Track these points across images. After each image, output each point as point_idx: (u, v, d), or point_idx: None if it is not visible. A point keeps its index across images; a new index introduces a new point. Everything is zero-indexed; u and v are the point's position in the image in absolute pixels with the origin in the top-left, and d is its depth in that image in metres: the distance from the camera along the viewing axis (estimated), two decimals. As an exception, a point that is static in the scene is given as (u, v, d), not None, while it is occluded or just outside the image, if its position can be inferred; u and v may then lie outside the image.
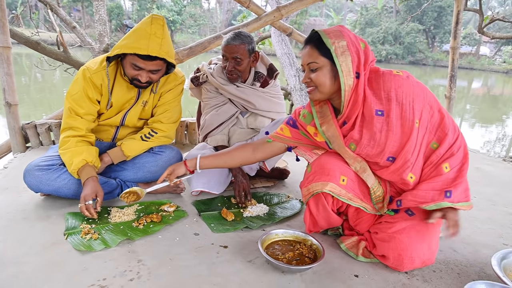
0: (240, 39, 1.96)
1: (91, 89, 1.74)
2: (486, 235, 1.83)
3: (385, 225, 1.46)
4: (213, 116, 2.14)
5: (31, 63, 14.20)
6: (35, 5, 19.21)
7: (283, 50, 5.72)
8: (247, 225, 1.74)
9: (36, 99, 8.71)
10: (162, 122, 1.96)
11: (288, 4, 2.99)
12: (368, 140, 1.38)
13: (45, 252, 1.44)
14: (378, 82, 1.35)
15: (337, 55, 1.30)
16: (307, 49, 1.37)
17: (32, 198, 1.88)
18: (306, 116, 1.56)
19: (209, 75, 2.11)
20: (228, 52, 1.98)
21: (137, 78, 1.68)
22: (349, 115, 1.39)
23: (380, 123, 1.34)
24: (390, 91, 1.32)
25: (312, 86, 1.39)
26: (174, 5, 27.70)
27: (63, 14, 4.55)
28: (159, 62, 1.66)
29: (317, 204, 1.56)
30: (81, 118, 1.76)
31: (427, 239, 1.42)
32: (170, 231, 1.66)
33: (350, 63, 1.31)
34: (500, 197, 2.35)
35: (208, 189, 1.98)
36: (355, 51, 1.32)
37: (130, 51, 1.59)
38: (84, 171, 1.71)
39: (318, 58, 1.33)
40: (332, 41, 1.30)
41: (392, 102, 1.32)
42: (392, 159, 1.39)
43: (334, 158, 1.49)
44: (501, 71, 25.58)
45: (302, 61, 1.39)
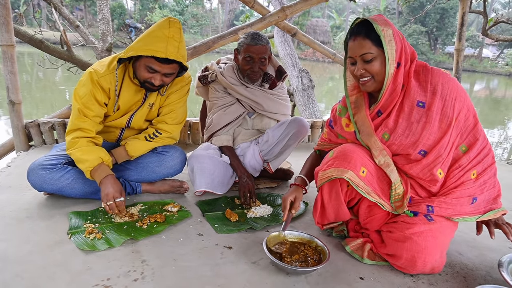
0: (264, 40, 1.98)
1: (99, 92, 1.72)
2: (491, 239, 1.81)
3: (402, 225, 1.45)
4: (221, 116, 2.12)
5: (33, 61, 14.22)
6: (38, 4, 19.24)
7: (285, 51, 5.71)
8: (251, 226, 1.73)
9: (38, 98, 8.71)
10: (167, 122, 1.94)
11: (293, 4, 2.98)
12: (403, 130, 1.40)
13: (48, 251, 1.43)
14: (426, 75, 1.38)
15: (386, 42, 1.32)
16: (359, 40, 1.35)
17: (35, 197, 1.87)
18: (341, 111, 1.60)
19: (218, 74, 2.09)
20: (255, 53, 1.96)
21: (150, 81, 1.66)
22: (385, 104, 1.42)
23: (419, 114, 1.37)
24: (437, 85, 1.36)
25: (368, 76, 1.39)
26: (176, 5, 27.70)
27: (66, 12, 4.55)
28: (175, 66, 1.66)
29: (330, 191, 1.53)
30: (90, 120, 1.73)
31: (441, 247, 1.42)
32: (174, 232, 1.65)
33: (394, 52, 1.33)
34: (505, 200, 2.31)
35: (212, 189, 1.97)
36: (399, 40, 1.35)
37: (147, 54, 1.56)
38: (100, 170, 1.69)
39: (371, 48, 1.34)
40: (381, 28, 1.32)
41: (436, 95, 1.35)
42: (423, 152, 1.40)
43: (358, 148, 1.48)
44: (504, 74, 25.50)
45: (353, 52, 1.38)
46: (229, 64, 2.13)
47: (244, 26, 3.00)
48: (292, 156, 2.40)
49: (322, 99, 11.62)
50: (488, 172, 1.44)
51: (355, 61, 1.40)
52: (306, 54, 26.39)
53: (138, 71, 1.67)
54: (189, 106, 2.02)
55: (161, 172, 1.95)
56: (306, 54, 26.36)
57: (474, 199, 1.42)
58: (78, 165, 1.72)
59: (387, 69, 1.34)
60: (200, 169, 1.95)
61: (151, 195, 2.00)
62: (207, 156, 1.98)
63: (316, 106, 5.21)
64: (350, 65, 1.43)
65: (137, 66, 1.67)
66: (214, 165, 1.97)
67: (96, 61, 1.94)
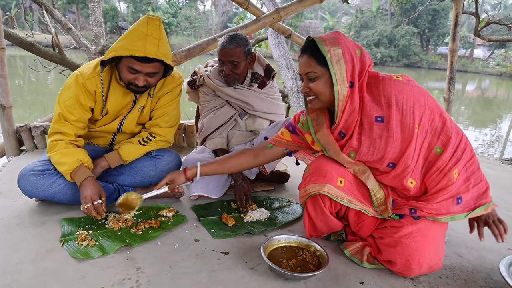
0: (235, 42, 1.93)
1: (84, 96, 1.68)
2: (490, 240, 1.79)
3: (391, 230, 1.44)
4: (211, 119, 2.11)
5: (25, 65, 14.07)
6: (30, 7, 19.06)
7: (280, 53, 5.70)
8: (248, 231, 1.70)
9: (30, 102, 8.61)
10: (160, 126, 1.90)
11: (287, 5, 2.97)
12: (368, 148, 1.36)
13: (40, 259, 1.39)
14: (378, 88, 1.32)
15: (332, 63, 1.27)
16: (304, 58, 1.34)
17: (26, 203, 1.83)
18: (304, 124, 1.56)
19: (205, 78, 2.08)
20: (224, 56, 1.95)
21: (134, 82, 1.62)
22: (345, 125, 1.37)
23: (380, 129, 1.32)
24: (391, 96, 1.30)
25: (313, 95, 1.37)
26: (170, 7, 27.63)
27: (58, 15, 4.49)
28: (157, 64, 1.61)
29: (314, 206, 1.54)
30: (70, 124, 1.69)
31: (434, 244, 1.41)
32: (170, 237, 1.62)
33: (344, 72, 1.28)
34: (502, 201, 2.34)
35: (207, 193, 1.94)
36: (349, 59, 1.29)
37: (126, 53, 1.52)
38: (79, 172, 1.65)
39: (315, 67, 1.31)
40: (327, 48, 1.28)
41: (392, 108, 1.29)
42: (392, 165, 1.37)
43: (328, 160, 1.48)
44: (495, 74, 25.81)
45: (300, 70, 1.37)
46: (215, 67, 2.12)
47: (238, 28, 2.97)
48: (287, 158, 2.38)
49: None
50: (469, 168, 1.37)
51: (302, 79, 1.39)
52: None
53: (122, 72, 1.64)
54: (183, 108, 2.00)
55: (156, 176, 1.92)
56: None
57: (459, 199, 1.36)
58: (58, 168, 1.69)
59: (335, 90, 1.30)
60: None
61: (145, 200, 1.95)
62: (201, 160, 1.95)
63: (311, 108, 5.20)
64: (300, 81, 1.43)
65: (120, 67, 1.64)
66: None
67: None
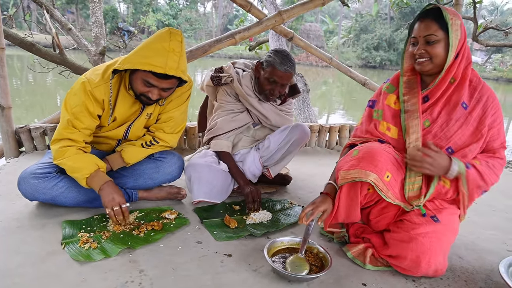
0: (294, 67, 1.93)
1: (92, 104, 1.62)
2: (489, 242, 1.83)
3: (407, 225, 1.44)
4: (227, 121, 2.06)
5: (23, 65, 14.04)
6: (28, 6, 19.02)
7: (280, 55, 5.71)
8: (250, 233, 1.69)
9: (28, 102, 8.57)
10: (165, 131, 1.86)
11: (290, 8, 2.97)
12: (442, 122, 1.46)
13: (41, 262, 1.37)
14: (477, 85, 1.47)
15: (452, 30, 1.37)
16: (426, 22, 1.40)
17: (26, 205, 1.81)
18: (389, 87, 1.62)
19: (235, 81, 2.01)
20: (281, 79, 1.91)
21: (147, 95, 1.57)
22: (433, 90, 1.47)
23: (460, 114, 1.44)
24: (483, 96, 1.45)
25: (426, 57, 1.43)
26: (170, 8, 27.65)
27: (58, 15, 4.47)
28: (174, 81, 1.57)
29: (349, 192, 1.49)
30: (79, 131, 1.64)
31: (445, 249, 1.43)
32: (172, 239, 1.61)
33: (458, 41, 1.39)
34: (499, 203, 2.35)
35: (210, 199, 1.92)
36: (463, 32, 1.41)
37: (145, 68, 1.46)
38: (97, 177, 1.62)
39: (437, 31, 1.38)
40: (450, 16, 1.38)
41: (480, 104, 1.44)
42: (450, 151, 1.45)
43: (385, 150, 1.45)
44: (492, 78, 25.94)
45: (418, 33, 1.42)
46: (247, 73, 2.06)
47: (241, 30, 2.97)
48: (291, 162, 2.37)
49: (316, 103, 11.65)
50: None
51: (417, 41, 1.44)
52: (300, 58, 26.50)
53: (135, 83, 1.58)
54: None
55: (159, 178, 1.90)
56: (299, 58, 26.47)
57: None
58: (72, 175, 1.64)
59: (449, 54, 1.39)
60: (198, 178, 1.90)
61: (147, 202, 1.94)
62: (205, 164, 1.93)
63: (311, 110, 5.21)
64: (411, 46, 1.47)
65: (133, 78, 1.58)
66: (212, 174, 1.92)
67: (89, 65, 1.88)
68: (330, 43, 31.14)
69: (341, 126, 3.35)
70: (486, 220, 2.08)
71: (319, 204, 1.50)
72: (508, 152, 7.90)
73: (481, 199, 2.31)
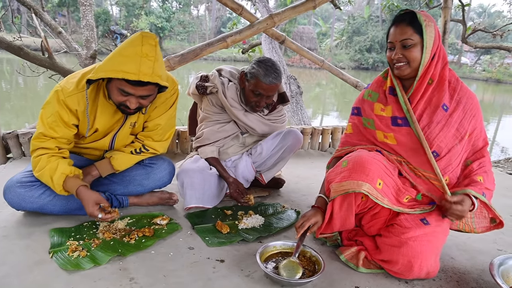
0: (279, 77, 1.87)
1: (66, 113, 1.55)
2: (481, 242, 1.85)
3: (398, 229, 1.44)
4: (213, 132, 2.04)
5: (12, 69, 13.86)
6: (17, 9, 18.81)
7: (273, 58, 5.70)
8: (243, 238, 1.67)
9: (18, 107, 8.47)
10: (154, 139, 1.81)
11: (281, 11, 2.97)
12: (423, 126, 1.47)
13: (28, 272, 1.34)
14: (456, 86, 1.49)
15: (426, 31, 1.40)
16: (401, 26, 1.42)
17: (13, 214, 1.76)
18: (371, 95, 1.62)
19: (220, 92, 1.96)
20: (266, 91, 1.87)
21: (125, 104, 1.50)
22: (414, 93, 1.48)
23: (441, 116, 1.46)
24: (463, 97, 1.47)
25: (404, 62, 1.44)
26: (163, 11, 27.53)
27: (48, 18, 4.42)
28: (151, 87, 1.48)
29: (342, 202, 1.49)
30: (52, 139, 1.58)
31: (436, 251, 1.43)
32: (164, 246, 1.58)
33: (432, 43, 1.42)
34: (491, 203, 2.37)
35: (202, 204, 1.91)
36: (437, 34, 1.44)
37: (118, 76, 1.38)
38: (69, 184, 1.57)
39: (412, 35, 1.41)
40: (424, 18, 1.41)
41: (460, 105, 1.46)
42: (435, 154, 1.46)
43: (374, 158, 1.45)
44: (482, 79, 26.33)
45: (394, 38, 1.44)
46: (232, 84, 2.01)
47: (232, 33, 2.96)
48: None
49: (309, 105, 11.70)
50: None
51: (393, 46, 1.46)
52: (293, 61, 26.58)
53: (111, 93, 1.52)
54: (177, 114, 1.94)
55: (149, 185, 1.88)
56: (293, 61, 26.56)
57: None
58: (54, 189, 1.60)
59: (423, 57, 1.41)
60: (190, 184, 1.89)
61: (138, 208, 1.92)
62: (197, 170, 1.91)
63: (305, 113, 5.22)
64: (389, 50, 1.48)
65: (110, 87, 1.52)
66: (205, 180, 1.91)
67: (79, 69, 1.83)
68: (323, 45, 31.32)
69: (334, 128, 3.36)
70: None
71: (310, 217, 1.53)
72: (498, 151, 8.00)
73: None
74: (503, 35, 5.50)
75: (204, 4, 36.93)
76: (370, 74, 24.87)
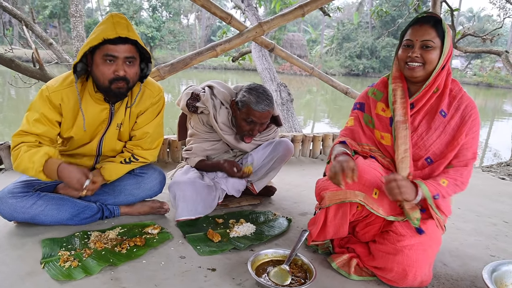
0: (272, 103, 1.86)
1: (50, 110, 1.60)
2: (473, 247, 1.85)
3: (393, 237, 1.44)
4: (202, 149, 2.04)
5: (4, 80, 13.76)
6: (9, 21, 18.76)
7: (263, 65, 5.78)
8: (234, 246, 1.68)
9: (11, 118, 8.41)
10: (143, 148, 1.83)
11: (270, 19, 3.02)
12: (421, 132, 1.49)
13: (20, 283, 1.34)
14: (457, 93, 1.49)
15: (447, 39, 1.41)
16: (426, 27, 1.41)
17: (5, 225, 1.76)
18: (376, 94, 1.62)
19: (211, 116, 1.93)
20: (260, 118, 1.85)
21: (114, 76, 1.54)
22: (419, 98, 1.48)
23: (439, 122, 1.47)
24: (462, 104, 1.47)
25: (419, 63, 1.43)
26: (153, 21, 27.66)
27: (38, 30, 4.44)
28: (132, 48, 1.56)
29: (337, 211, 1.50)
30: (31, 135, 1.60)
31: (430, 260, 1.44)
32: (155, 255, 1.59)
33: (447, 52, 1.43)
34: (483, 208, 2.40)
35: (194, 216, 1.91)
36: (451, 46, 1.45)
37: (98, 40, 1.48)
38: (49, 165, 1.56)
39: (435, 38, 1.41)
40: (447, 26, 1.42)
41: (458, 112, 1.46)
42: (430, 161, 1.48)
43: (370, 166, 1.47)
44: (472, 83, 26.68)
45: (415, 36, 1.42)
46: (224, 109, 1.97)
47: (221, 42, 3.00)
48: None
49: (300, 112, 11.77)
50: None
51: (412, 44, 1.43)
52: (284, 68, 26.78)
53: (99, 71, 1.55)
54: (168, 122, 1.95)
55: (140, 195, 1.89)
56: (283, 68, 26.75)
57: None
58: (27, 174, 1.60)
59: (439, 63, 1.42)
60: (183, 197, 1.89)
61: (130, 217, 1.92)
62: (189, 182, 1.91)
63: (296, 120, 5.26)
64: (404, 48, 1.46)
65: (96, 66, 1.55)
66: (197, 192, 1.92)
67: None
68: (313, 52, 31.61)
69: (325, 135, 3.40)
70: (470, 225, 2.12)
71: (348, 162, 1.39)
72: (490, 155, 8.10)
73: (465, 205, 2.39)
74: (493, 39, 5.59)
75: (194, 13, 37.14)
76: (361, 80, 25.14)
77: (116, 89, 1.58)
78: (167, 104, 2.00)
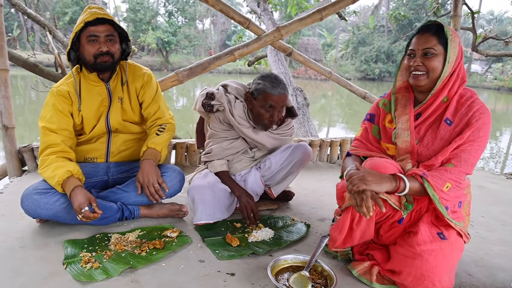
0: (286, 87, 1.90)
1: (60, 102, 1.80)
2: (500, 258, 1.78)
3: (413, 239, 1.40)
4: (222, 149, 2.03)
5: (26, 84, 14.18)
6: (31, 27, 19.36)
7: (279, 70, 5.77)
8: (253, 251, 1.67)
9: (31, 121, 8.64)
10: (163, 117, 2.00)
11: (288, 24, 3.01)
12: (427, 142, 1.46)
13: (43, 283, 1.37)
14: (467, 100, 1.43)
15: (451, 45, 1.39)
16: (426, 35, 1.42)
17: (29, 225, 1.81)
18: (386, 105, 1.61)
19: (227, 111, 1.95)
20: (278, 102, 1.87)
21: (98, 52, 1.73)
22: (426, 107, 1.47)
23: (444, 131, 1.43)
24: (471, 110, 1.40)
25: (423, 71, 1.42)
26: (169, 26, 28.08)
27: (60, 36, 4.55)
28: (110, 27, 1.76)
29: None
30: (56, 134, 1.77)
31: (450, 267, 1.39)
32: (174, 258, 1.60)
33: (454, 58, 1.40)
34: (508, 216, 2.32)
35: (213, 220, 1.91)
36: (460, 50, 1.43)
37: (80, 25, 1.70)
38: (68, 183, 1.66)
39: (436, 45, 1.40)
40: (450, 33, 1.40)
41: (465, 118, 1.40)
42: None
43: (388, 162, 1.45)
44: (493, 88, 26.01)
45: (417, 45, 1.43)
46: (239, 102, 1.99)
47: (240, 47, 3.01)
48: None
49: (315, 117, 11.70)
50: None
51: (414, 53, 1.44)
52: (299, 72, 26.74)
53: (85, 52, 1.75)
54: (184, 126, 1.97)
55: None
56: (298, 72, 26.72)
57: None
58: (49, 182, 1.71)
59: (444, 70, 1.39)
60: (201, 200, 1.89)
61: (149, 220, 1.94)
62: (208, 186, 1.92)
63: (312, 124, 5.23)
64: (408, 57, 1.47)
65: (83, 50, 1.76)
66: (215, 196, 1.92)
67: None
68: (328, 57, 31.48)
69: (342, 140, 3.36)
70: (496, 235, 2.04)
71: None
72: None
73: (489, 213, 2.32)
74: (515, 42, 5.45)
75: (209, 18, 37.55)
76: (377, 84, 24.86)
77: (102, 63, 1.77)
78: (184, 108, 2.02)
